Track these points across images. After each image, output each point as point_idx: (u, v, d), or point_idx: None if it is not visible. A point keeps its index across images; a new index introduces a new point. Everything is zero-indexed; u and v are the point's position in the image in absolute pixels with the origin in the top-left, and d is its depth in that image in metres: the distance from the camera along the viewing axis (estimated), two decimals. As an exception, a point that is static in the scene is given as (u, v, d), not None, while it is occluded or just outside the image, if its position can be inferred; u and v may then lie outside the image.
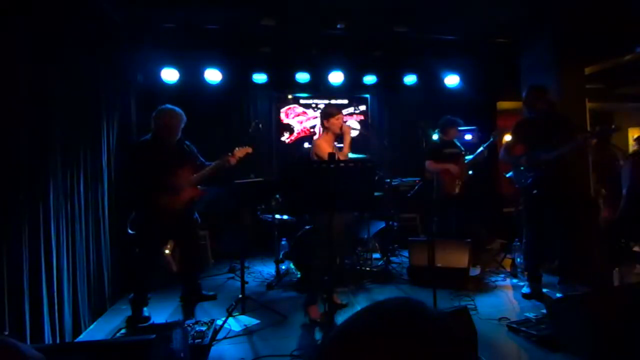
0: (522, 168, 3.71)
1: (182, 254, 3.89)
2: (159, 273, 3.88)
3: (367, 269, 4.63)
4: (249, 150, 3.62)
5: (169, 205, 3.29)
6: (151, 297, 3.49)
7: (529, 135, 3.64)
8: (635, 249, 4.20)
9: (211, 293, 3.81)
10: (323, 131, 3.51)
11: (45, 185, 2.72)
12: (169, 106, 3.45)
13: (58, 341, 2.71)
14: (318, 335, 3.02)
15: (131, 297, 3.37)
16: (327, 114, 3.47)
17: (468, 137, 5.62)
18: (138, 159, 3.35)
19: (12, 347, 0.64)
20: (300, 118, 6.14)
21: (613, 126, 3.45)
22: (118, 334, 3.07)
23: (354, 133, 6.20)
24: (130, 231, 3.53)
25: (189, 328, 2.81)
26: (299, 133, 6.14)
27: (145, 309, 3.38)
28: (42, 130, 2.74)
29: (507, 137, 5.23)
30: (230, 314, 3.30)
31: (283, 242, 4.76)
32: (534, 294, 3.62)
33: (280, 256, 4.59)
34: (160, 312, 3.51)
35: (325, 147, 3.34)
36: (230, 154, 3.51)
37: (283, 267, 4.58)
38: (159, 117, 3.39)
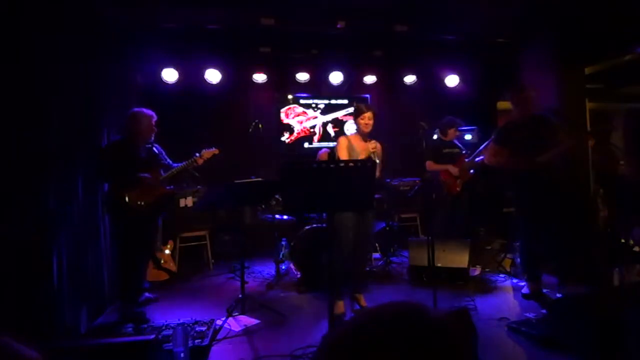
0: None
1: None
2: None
3: (367, 269, 4.62)
4: (216, 151, 3.78)
5: (138, 205, 3.34)
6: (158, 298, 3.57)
7: (513, 139, 3.57)
8: (635, 249, 4.20)
9: (153, 296, 3.81)
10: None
11: (45, 185, 2.72)
12: (140, 109, 3.53)
13: (58, 341, 2.71)
14: (319, 335, 3.02)
15: (124, 303, 3.41)
16: (356, 111, 3.47)
17: (468, 137, 5.61)
18: (111, 160, 3.37)
19: (8, 347, 0.63)
20: (300, 118, 6.13)
21: (589, 129, 3.40)
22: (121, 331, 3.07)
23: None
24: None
25: (188, 328, 2.81)
26: (299, 133, 6.14)
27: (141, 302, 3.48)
28: (43, 131, 2.74)
29: None
30: (230, 314, 3.30)
31: (283, 242, 4.75)
32: (534, 294, 3.62)
33: (280, 256, 4.59)
34: (165, 313, 3.50)
35: (343, 151, 3.36)
36: (197, 155, 3.68)
37: (283, 267, 4.58)
38: (132, 120, 3.47)
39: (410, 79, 6.10)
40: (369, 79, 6.10)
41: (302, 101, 6.17)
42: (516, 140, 3.54)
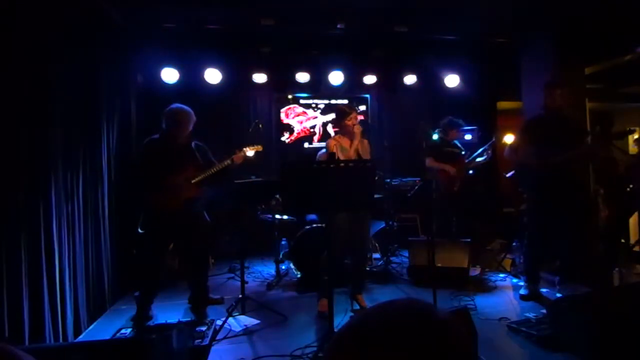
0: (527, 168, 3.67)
1: (182, 256, 3.88)
2: (165, 273, 3.88)
3: (367, 269, 4.62)
4: (260, 148, 3.60)
5: (166, 204, 3.25)
6: (157, 296, 3.51)
7: (537, 135, 3.56)
8: (636, 249, 4.20)
9: (217, 297, 3.79)
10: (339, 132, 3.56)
11: (45, 185, 2.72)
12: (179, 105, 3.43)
13: (58, 341, 2.71)
14: (319, 335, 3.03)
15: (137, 294, 3.38)
16: (342, 113, 3.47)
17: (468, 137, 5.61)
18: (146, 157, 3.35)
19: (10, 354, 0.63)
20: (300, 118, 6.13)
21: (628, 129, 3.45)
22: (119, 334, 3.06)
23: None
24: (140, 230, 3.51)
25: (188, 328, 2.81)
26: (299, 133, 6.14)
27: (151, 306, 3.41)
28: (43, 131, 2.74)
29: (508, 137, 5.23)
30: (230, 314, 3.30)
31: (283, 242, 4.75)
32: (532, 296, 3.62)
33: (280, 256, 4.59)
34: (166, 313, 3.50)
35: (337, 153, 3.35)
36: (238, 151, 3.48)
37: (283, 267, 4.58)
38: (170, 116, 3.36)
39: (410, 79, 6.09)
40: (369, 79, 6.09)
41: (302, 101, 6.17)
42: (540, 137, 3.53)
